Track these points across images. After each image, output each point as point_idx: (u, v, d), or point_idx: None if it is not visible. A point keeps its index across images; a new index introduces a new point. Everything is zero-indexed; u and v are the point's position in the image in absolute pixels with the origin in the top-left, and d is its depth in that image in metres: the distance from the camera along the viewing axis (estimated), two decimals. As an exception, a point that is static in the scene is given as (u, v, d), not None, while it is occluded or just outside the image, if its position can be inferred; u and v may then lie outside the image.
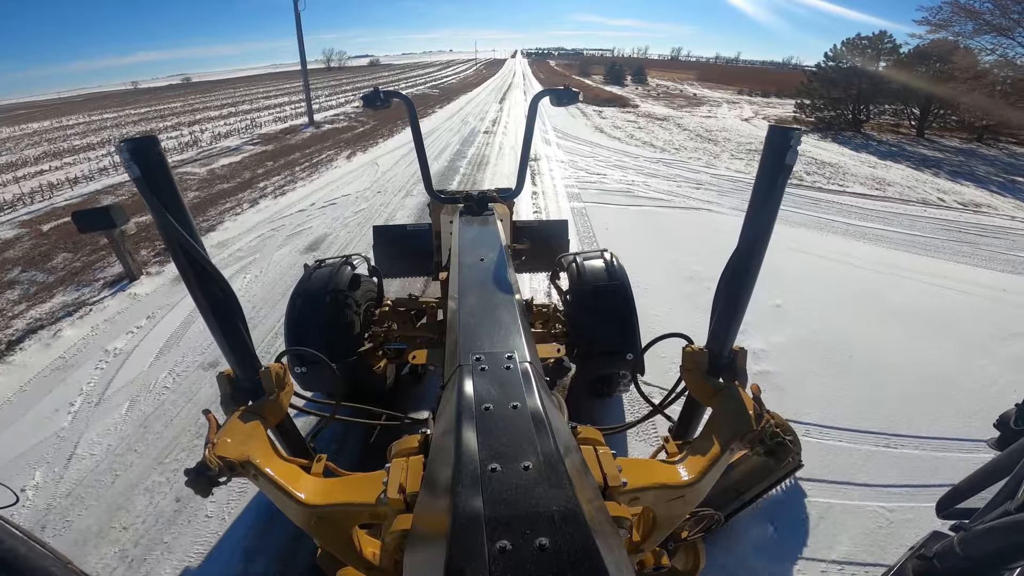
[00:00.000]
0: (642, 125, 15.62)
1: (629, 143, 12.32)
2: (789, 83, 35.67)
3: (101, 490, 2.45)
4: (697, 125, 15.99)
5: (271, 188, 8.34)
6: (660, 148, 11.77)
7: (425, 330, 2.71)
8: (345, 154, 10.81)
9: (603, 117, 17.31)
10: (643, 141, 12.62)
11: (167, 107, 26.80)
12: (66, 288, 4.77)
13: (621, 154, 10.80)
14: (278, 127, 15.87)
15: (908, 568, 1.01)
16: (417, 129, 2.48)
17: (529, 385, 1.04)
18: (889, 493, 2.41)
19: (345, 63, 77.99)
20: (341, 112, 18.86)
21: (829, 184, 8.92)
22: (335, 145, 12.02)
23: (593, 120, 16.37)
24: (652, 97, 26.94)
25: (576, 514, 0.71)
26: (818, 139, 14.54)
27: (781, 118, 18.95)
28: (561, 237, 3.54)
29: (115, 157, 11.99)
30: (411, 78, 42.42)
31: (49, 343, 3.79)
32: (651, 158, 10.54)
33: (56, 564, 0.79)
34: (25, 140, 17.22)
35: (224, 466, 1.16)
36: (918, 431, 2.80)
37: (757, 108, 22.73)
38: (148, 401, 3.08)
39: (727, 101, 25.75)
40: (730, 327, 1.49)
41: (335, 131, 14.34)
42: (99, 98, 43.33)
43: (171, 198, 1.21)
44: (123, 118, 22.54)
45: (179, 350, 3.60)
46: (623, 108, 20.48)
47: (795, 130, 1.23)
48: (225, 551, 2.14)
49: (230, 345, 1.40)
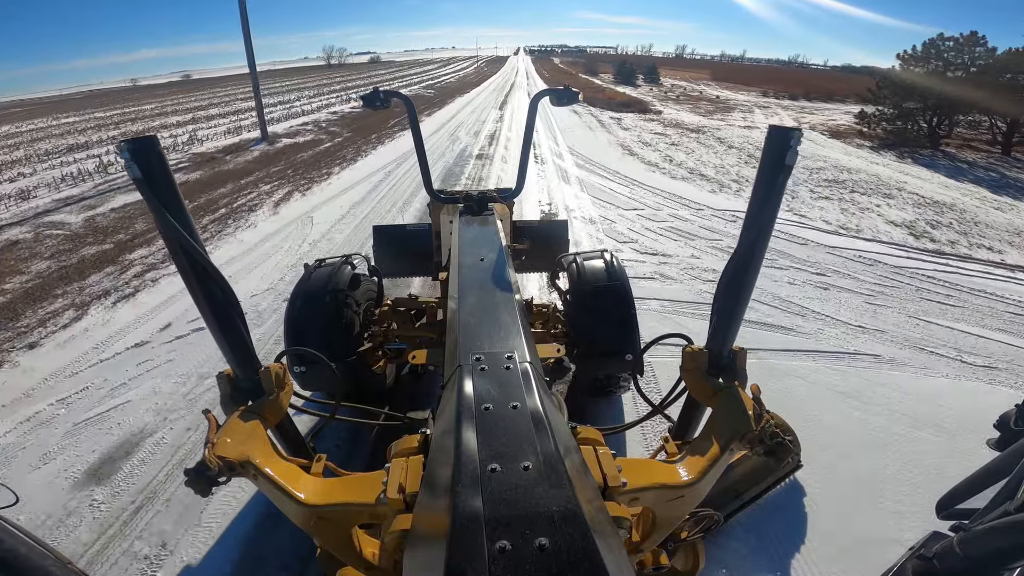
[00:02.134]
0: (675, 140, 12.46)
1: (672, 172, 9.08)
2: (814, 85, 34.32)
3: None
4: (741, 140, 12.78)
5: (116, 289, 4.68)
6: (715, 180, 8.58)
7: (425, 330, 2.71)
8: (278, 196, 7.56)
9: (624, 128, 14.33)
10: (689, 168, 9.35)
11: (138, 109, 23.76)
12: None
13: (670, 199, 7.34)
14: (226, 142, 12.67)
15: (908, 568, 1.01)
16: (417, 129, 2.48)
17: (529, 385, 1.04)
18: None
19: (345, 60, 77.23)
20: (313, 120, 16.13)
21: (975, 249, 5.91)
22: (279, 176, 8.94)
23: (615, 133, 13.28)
24: (672, 100, 23.85)
25: (576, 514, 0.71)
26: (894, 158, 11.61)
27: (835, 129, 15.92)
28: (561, 237, 3.53)
29: (64, 168, 10.02)
30: (408, 76, 40.48)
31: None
32: (714, 207, 6.96)
33: (56, 564, 0.79)
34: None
35: (224, 466, 1.17)
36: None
37: (795, 115, 20.10)
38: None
39: (757, 106, 22.67)
40: (730, 327, 1.49)
41: (293, 148, 11.49)
42: (90, 96, 41.14)
43: (171, 198, 1.21)
44: (78, 124, 19.01)
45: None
46: (644, 115, 17.60)
47: (795, 130, 1.24)
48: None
49: (230, 345, 1.40)
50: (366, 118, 15.75)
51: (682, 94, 27.37)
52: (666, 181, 8.49)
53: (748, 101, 24.89)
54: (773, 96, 28.39)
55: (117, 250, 5.70)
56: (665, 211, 6.79)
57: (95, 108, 26.56)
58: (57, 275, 5.04)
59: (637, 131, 13.77)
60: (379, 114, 14.94)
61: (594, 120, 15.66)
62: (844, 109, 22.44)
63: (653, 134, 13.34)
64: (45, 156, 12.15)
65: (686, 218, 6.52)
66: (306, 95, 25.28)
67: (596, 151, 10.73)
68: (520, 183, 2.59)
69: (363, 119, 15.72)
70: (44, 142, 14.78)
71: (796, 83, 34.92)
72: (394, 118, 14.85)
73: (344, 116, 16.87)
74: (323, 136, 13.12)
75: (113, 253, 5.61)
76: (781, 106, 23.71)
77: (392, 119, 14.82)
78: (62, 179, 9.27)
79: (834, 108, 23.72)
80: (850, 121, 16.82)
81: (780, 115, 19.93)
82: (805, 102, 25.97)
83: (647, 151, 11.00)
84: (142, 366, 3.43)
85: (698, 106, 21.49)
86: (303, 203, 7.29)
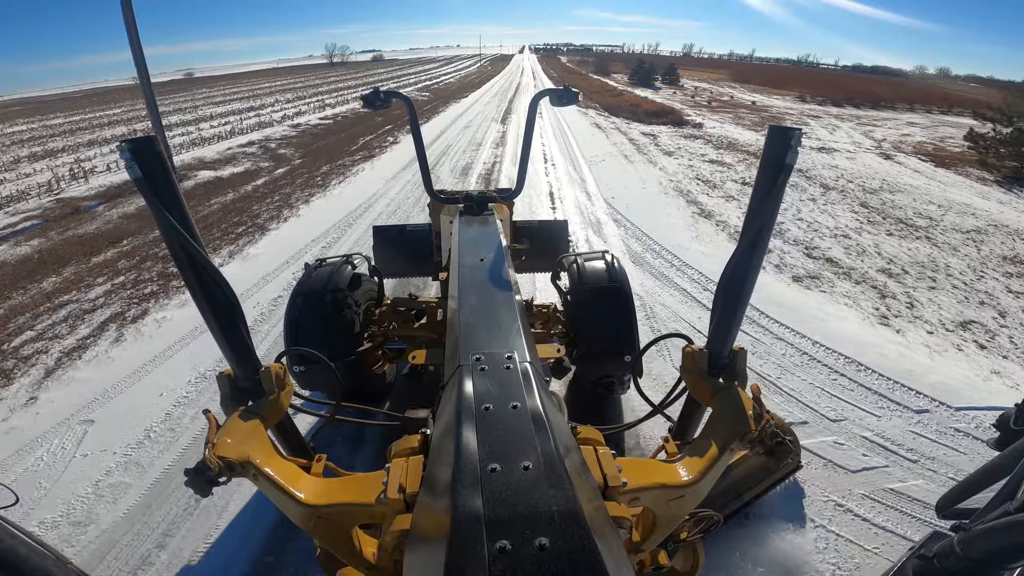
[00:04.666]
0: (741, 172, 8.85)
1: (785, 253, 5.31)
2: (851, 88, 28.91)
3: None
4: (835, 174, 8.98)
5: None
6: (860, 278, 4.79)
7: (425, 330, 2.71)
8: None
9: (665, 150, 10.63)
10: (801, 246, 5.52)
11: (104, 115, 20.79)
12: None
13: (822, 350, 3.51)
14: (116, 179, 8.84)
15: (908, 568, 1.01)
16: (417, 129, 2.48)
17: (529, 385, 1.04)
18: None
19: (348, 58, 76.54)
20: (265, 137, 12.60)
21: None
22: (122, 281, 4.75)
23: (658, 161, 9.56)
24: (705, 107, 19.64)
25: (576, 514, 0.71)
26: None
27: (933, 152, 11.78)
28: (561, 237, 3.54)
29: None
30: (406, 76, 38.23)
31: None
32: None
33: (56, 564, 0.79)
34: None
35: (224, 466, 1.17)
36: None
37: (859, 127, 15.91)
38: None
39: (806, 115, 18.63)
40: (730, 327, 1.49)
41: (200, 192, 7.84)
42: (76, 97, 37.75)
43: (171, 198, 1.21)
44: (23, 133, 16.09)
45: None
46: (681, 128, 14.00)
47: (795, 130, 1.25)
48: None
49: (230, 345, 1.40)
50: (330, 135, 12.84)
51: (712, 99, 23.39)
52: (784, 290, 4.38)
53: (789, 108, 21.04)
54: (813, 101, 24.36)
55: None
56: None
57: (59, 113, 22.99)
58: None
59: (685, 157, 10.13)
60: (347, 131, 13.01)
61: (623, 139, 11.87)
62: (906, 119, 19.05)
63: (705, 161, 9.72)
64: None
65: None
66: (285, 98, 22.62)
67: (649, 208, 6.68)
68: (520, 183, 2.59)
69: (327, 136, 12.74)
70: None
71: (828, 85, 30.59)
72: (370, 133, 12.35)
73: (306, 131, 13.59)
74: (263, 166, 9.57)
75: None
76: (829, 114, 19.64)
77: (367, 135, 12.28)
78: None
79: (895, 117, 19.67)
80: (933, 138, 13.67)
81: (841, 128, 15.54)
82: (853, 109, 21.99)
83: (715, 198, 7.19)
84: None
85: (739, 115, 17.40)
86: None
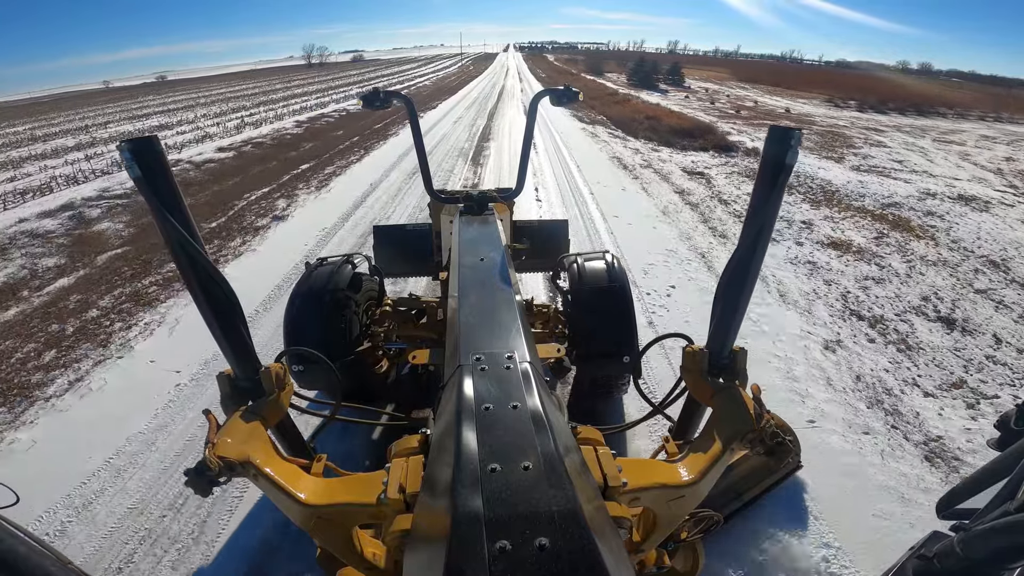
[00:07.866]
0: (911, 276, 4.82)
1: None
2: (875, 89, 25.32)
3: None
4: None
5: None
6: None
7: (425, 330, 2.70)
8: None
9: (729, 204, 6.86)
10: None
11: (61, 125, 19.03)
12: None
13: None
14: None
15: (908, 568, 1.01)
16: (417, 129, 2.48)
17: (529, 385, 1.04)
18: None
19: (327, 59, 74.53)
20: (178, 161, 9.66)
21: None
22: None
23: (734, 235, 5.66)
24: (735, 118, 15.87)
25: (576, 514, 0.71)
26: None
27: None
28: (561, 237, 3.53)
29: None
30: (380, 78, 35.14)
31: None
32: None
33: (56, 564, 0.79)
34: None
35: (224, 466, 1.17)
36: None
37: (933, 145, 12.30)
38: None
39: (866, 127, 14.80)
40: (730, 327, 1.49)
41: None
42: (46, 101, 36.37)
43: (171, 198, 1.21)
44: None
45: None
46: (729, 156, 9.89)
47: (795, 130, 1.24)
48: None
49: (230, 345, 1.40)
50: (198, 189, 8.06)
51: (735, 106, 19.44)
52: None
53: (834, 119, 17.29)
54: (847, 106, 20.54)
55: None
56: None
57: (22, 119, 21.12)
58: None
59: (788, 239, 5.65)
60: (234, 177, 8.68)
61: (667, 190, 7.54)
62: (969, 128, 16.11)
63: (825, 247, 5.49)
64: None
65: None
66: (212, 112, 19.16)
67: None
68: (520, 183, 2.59)
69: (192, 190, 7.96)
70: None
71: (850, 87, 27.67)
72: (268, 182, 8.21)
73: (223, 160, 10.15)
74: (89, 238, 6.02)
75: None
76: (885, 125, 15.79)
77: (264, 185, 8.06)
78: None
79: (958, 128, 16.41)
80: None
81: (928, 149, 11.79)
82: (900, 117, 18.41)
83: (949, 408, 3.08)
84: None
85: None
86: None
